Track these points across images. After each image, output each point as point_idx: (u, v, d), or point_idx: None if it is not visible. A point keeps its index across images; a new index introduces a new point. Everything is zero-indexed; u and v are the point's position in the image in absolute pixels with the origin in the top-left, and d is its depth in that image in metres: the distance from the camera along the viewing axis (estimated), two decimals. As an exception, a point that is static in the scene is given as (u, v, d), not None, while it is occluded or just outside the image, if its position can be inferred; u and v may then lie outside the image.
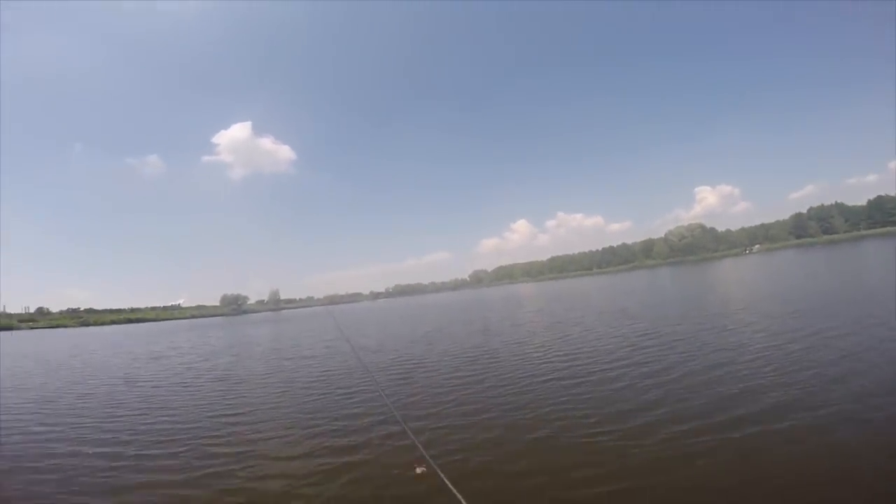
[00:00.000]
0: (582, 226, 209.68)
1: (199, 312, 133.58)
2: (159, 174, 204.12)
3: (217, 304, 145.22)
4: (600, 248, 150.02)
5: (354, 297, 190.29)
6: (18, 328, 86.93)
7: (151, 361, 18.36)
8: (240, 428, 7.68)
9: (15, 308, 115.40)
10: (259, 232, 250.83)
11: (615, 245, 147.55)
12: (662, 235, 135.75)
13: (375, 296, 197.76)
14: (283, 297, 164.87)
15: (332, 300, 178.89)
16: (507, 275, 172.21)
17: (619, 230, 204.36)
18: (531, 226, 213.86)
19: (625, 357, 9.93)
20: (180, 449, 6.85)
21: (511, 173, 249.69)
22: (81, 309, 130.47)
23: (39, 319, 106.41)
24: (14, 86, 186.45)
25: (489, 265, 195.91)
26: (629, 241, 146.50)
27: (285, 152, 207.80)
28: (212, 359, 17.96)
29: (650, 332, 12.69)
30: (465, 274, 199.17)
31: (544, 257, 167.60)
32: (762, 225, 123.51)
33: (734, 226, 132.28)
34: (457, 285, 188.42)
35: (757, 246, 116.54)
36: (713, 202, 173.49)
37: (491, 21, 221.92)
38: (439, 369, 11.08)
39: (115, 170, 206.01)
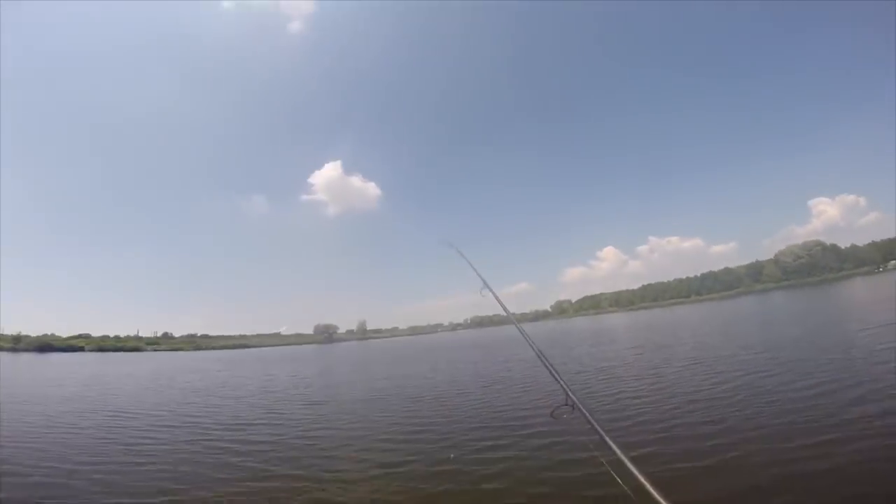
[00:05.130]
0: (679, 249, 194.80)
1: (296, 340, 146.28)
2: (265, 213, 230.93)
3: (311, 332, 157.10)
4: (699, 274, 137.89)
5: (435, 328, 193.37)
6: (144, 349, 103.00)
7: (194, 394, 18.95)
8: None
9: (146, 332, 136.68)
10: (351, 265, 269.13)
11: (716, 269, 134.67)
12: (773, 256, 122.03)
13: (454, 327, 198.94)
14: (370, 326, 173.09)
15: (415, 331, 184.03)
16: (592, 305, 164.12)
17: (724, 252, 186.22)
18: (620, 252, 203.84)
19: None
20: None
21: (594, 198, 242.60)
22: (198, 335, 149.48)
23: (163, 343, 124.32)
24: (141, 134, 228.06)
25: (574, 295, 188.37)
26: (734, 265, 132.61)
27: (372, 189, 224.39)
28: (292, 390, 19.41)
29: (796, 380, 9.82)
30: (547, 304, 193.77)
31: (637, 285, 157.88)
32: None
33: (862, 241, 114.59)
34: (538, 316, 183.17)
35: (893, 262, 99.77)
36: (834, 215, 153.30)
37: (573, 32, 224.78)
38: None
39: (228, 210, 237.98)
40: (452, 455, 7.67)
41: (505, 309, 3.88)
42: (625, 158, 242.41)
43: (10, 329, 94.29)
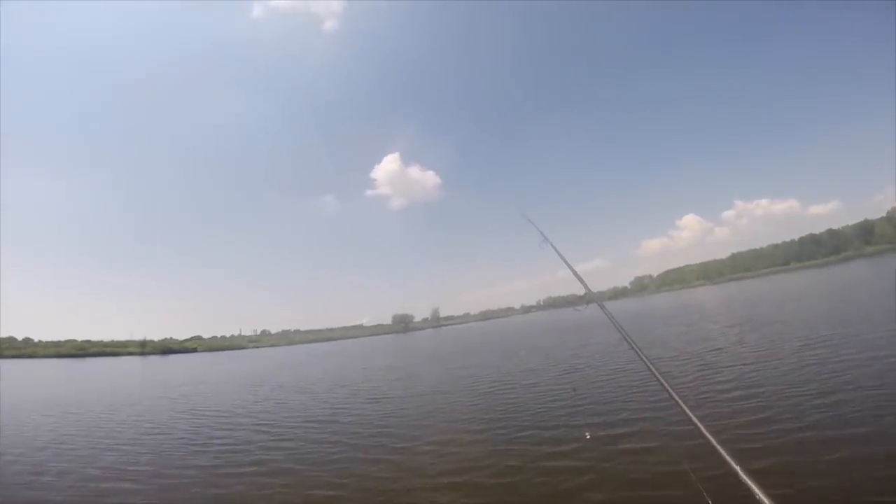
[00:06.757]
0: (770, 213, 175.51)
1: (376, 330, 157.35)
2: (335, 211, 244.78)
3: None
4: (797, 238, 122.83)
5: (507, 312, 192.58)
6: (246, 347, 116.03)
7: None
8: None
9: (247, 330, 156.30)
10: (420, 254, 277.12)
11: (817, 231, 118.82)
12: (885, 214, 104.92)
13: (526, 309, 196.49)
14: (442, 314, 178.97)
15: (486, 315, 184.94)
16: (676, 279, 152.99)
17: (824, 213, 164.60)
18: (702, 220, 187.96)
19: None
20: None
21: (668, 164, 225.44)
22: (292, 330, 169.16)
23: (262, 340, 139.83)
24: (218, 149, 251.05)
25: (654, 269, 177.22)
26: (838, 226, 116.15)
27: (431, 178, 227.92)
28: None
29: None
30: (625, 281, 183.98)
31: (725, 254, 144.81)
32: None
33: None
34: (616, 294, 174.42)
35: None
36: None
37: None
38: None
39: (300, 211, 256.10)
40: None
41: (571, 268, 3.87)
42: (703, 116, 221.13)
43: (136, 335, 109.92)
